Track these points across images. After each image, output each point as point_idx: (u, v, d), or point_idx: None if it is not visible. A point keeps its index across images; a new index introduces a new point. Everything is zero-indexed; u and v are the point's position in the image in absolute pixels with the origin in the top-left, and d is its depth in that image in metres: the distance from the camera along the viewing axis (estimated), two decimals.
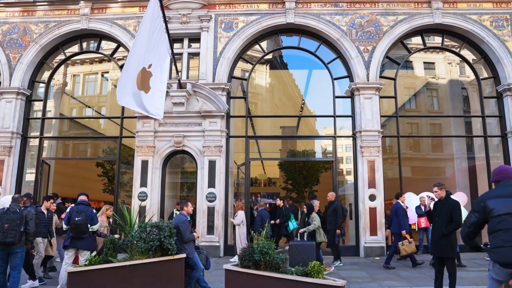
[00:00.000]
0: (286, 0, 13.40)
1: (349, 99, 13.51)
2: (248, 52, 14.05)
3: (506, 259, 3.79)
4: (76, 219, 7.44)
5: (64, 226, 7.71)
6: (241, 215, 11.63)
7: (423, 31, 13.79)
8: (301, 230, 10.11)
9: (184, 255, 6.61)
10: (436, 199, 6.76)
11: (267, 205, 18.73)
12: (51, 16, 14.08)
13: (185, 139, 12.74)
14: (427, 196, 8.84)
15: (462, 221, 5.27)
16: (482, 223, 4.07)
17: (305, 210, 10.40)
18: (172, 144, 12.75)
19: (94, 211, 8.02)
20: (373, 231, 12.17)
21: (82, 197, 8.05)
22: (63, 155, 16.35)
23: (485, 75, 13.88)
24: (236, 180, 14.75)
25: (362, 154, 12.65)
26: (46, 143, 14.41)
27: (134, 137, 13.04)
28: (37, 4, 14.09)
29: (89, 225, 7.53)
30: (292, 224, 12.06)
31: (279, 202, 12.90)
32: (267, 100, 16.58)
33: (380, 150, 12.71)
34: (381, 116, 13.15)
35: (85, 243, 7.64)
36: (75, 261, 7.69)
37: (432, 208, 6.79)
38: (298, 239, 10.58)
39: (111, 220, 9.46)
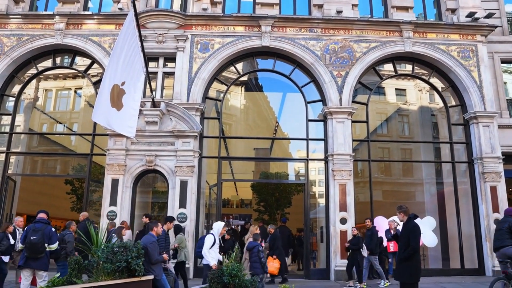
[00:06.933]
0: (262, 24, 13.63)
1: (322, 123, 13.71)
2: (223, 73, 14.14)
3: (495, 245, 8.42)
4: (32, 238, 7.11)
5: (19, 245, 7.36)
6: (128, 235, 11.26)
7: (394, 58, 14.23)
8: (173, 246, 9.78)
9: (151, 277, 6.47)
10: (399, 222, 6.73)
11: (239, 226, 18.60)
12: (24, 29, 13.87)
13: (157, 158, 12.60)
14: (390, 220, 8.91)
15: (418, 246, 6.36)
16: None
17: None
18: (144, 163, 12.59)
19: (53, 229, 7.69)
20: (344, 255, 12.12)
21: (42, 215, 7.69)
22: (31, 171, 15.87)
23: (453, 102, 14.35)
24: (208, 201, 14.60)
25: (334, 178, 12.76)
26: (13, 158, 13.98)
27: (105, 154, 12.81)
28: (10, 17, 13.89)
29: (46, 245, 7.24)
30: None
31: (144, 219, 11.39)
32: (241, 122, 16.60)
33: (352, 173, 12.86)
34: (353, 140, 13.38)
35: (41, 263, 7.32)
36: (33, 283, 7.39)
37: (398, 232, 6.71)
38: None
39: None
